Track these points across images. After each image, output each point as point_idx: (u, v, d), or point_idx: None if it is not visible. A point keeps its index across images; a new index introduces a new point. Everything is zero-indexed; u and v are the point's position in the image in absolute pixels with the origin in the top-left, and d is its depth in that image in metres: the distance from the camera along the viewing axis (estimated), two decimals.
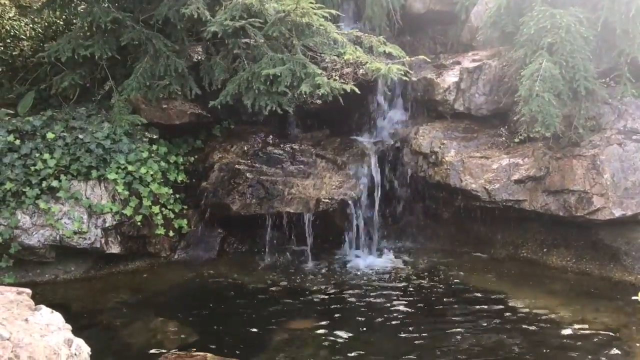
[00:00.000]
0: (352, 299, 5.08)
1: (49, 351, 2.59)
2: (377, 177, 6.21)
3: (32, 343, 2.54)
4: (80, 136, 5.49)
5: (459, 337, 4.31)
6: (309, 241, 5.99)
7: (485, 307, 4.83)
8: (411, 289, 5.27)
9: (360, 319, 4.71)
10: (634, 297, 4.68)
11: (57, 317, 2.93)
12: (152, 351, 4.08)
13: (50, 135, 5.43)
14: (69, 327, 2.99)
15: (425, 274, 5.64)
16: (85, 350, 2.81)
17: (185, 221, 5.94)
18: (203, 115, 6.21)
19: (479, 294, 5.11)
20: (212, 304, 5.04)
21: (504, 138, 6.04)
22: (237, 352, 4.08)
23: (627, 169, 5.31)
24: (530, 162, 5.68)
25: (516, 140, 5.79)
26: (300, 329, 4.50)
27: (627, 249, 5.39)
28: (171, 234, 5.79)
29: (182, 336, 4.36)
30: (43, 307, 3.00)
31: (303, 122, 6.71)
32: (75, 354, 2.72)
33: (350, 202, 6.01)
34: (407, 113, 6.65)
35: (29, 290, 3.17)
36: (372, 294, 5.19)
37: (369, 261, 6.01)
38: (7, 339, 2.48)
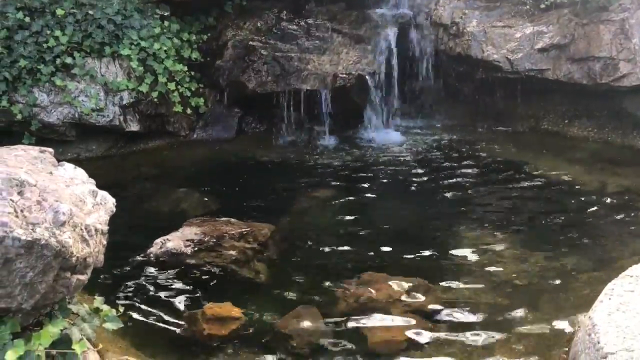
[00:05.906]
0: (371, 170, 5.10)
1: (75, 198, 2.64)
2: (396, 52, 6.03)
3: (57, 190, 2.58)
4: (91, 12, 5.35)
5: (478, 199, 4.34)
6: (327, 118, 5.93)
7: (506, 174, 4.84)
8: (430, 160, 5.26)
9: (379, 187, 4.75)
10: None
11: (80, 172, 2.96)
12: (177, 217, 4.16)
13: (59, 12, 5.29)
14: (93, 181, 3.02)
15: (445, 147, 5.61)
16: (111, 200, 2.86)
17: (202, 100, 5.88)
18: None
19: (499, 163, 5.10)
20: (233, 177, 5.09)
21: (528, 6, 5.78)
22: (260, 218, 4.14)
23: None
24: (555, 29, 5.47)
25: (542, 6, 5.53)
26: (320, 196, 4.54)
27: None
28: (189, 111, 5.76)
29: (206, 204, 4.44)
30: (66, 163, 3.02)
31: None
32: (101, 203, 2.77)
33: (368, 77, 5.88)
34: None
35: (51, 150, 3.17)
36: (390, 165, 5.19)
37: (388, 137, 5.97)
38: (34, 185, 2.51)
